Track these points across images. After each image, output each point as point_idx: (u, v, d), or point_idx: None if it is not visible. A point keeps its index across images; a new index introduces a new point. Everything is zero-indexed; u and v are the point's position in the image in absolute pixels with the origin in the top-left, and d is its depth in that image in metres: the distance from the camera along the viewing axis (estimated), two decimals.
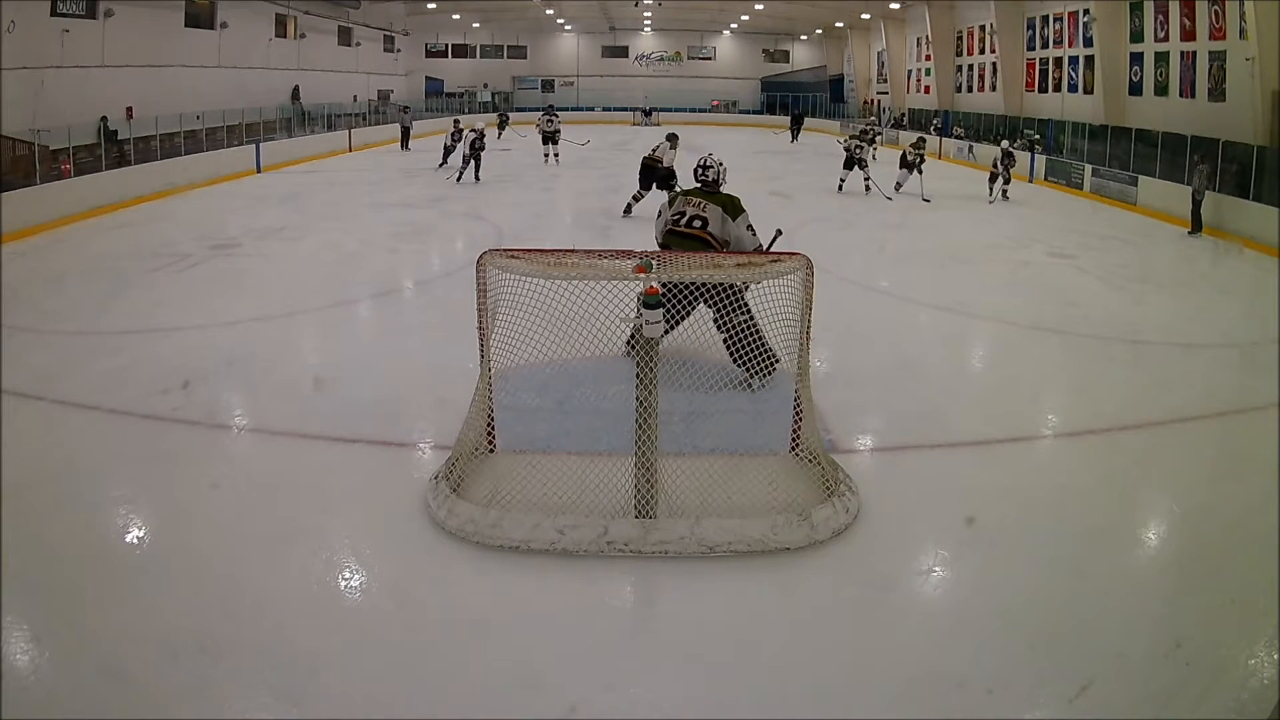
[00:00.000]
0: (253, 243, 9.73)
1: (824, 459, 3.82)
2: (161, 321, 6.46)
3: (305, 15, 25.65)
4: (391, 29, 32.95)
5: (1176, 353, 6.24)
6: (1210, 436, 4.79)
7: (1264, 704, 2.61)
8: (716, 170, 5.35)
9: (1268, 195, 11.12)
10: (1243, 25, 13.53)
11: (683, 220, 5.07)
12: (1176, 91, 15.88)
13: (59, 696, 2.58)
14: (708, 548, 3.32)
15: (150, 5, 18.32)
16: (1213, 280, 8.93)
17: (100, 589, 3.11)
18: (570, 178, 16.22)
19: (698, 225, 5.03)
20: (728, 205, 5.07)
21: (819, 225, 11.42)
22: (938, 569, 3.39)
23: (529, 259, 3.60)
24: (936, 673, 2.75)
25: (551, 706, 2.59)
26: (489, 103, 36.18)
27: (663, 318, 4.24)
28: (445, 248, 10.10)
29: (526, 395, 4.49)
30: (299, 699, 2.59)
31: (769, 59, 38.75)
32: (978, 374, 6.03)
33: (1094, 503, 3.89)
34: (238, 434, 4.57)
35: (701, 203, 5.10)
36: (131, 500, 3.83)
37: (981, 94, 24.41)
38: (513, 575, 3.22)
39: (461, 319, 4.23)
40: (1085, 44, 18.95)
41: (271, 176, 16.26)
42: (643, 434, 3.40)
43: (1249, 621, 3.04)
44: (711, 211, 5.03)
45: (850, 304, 5.13)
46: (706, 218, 5.01)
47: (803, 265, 3.87)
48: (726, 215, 5.01)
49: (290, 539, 3.45)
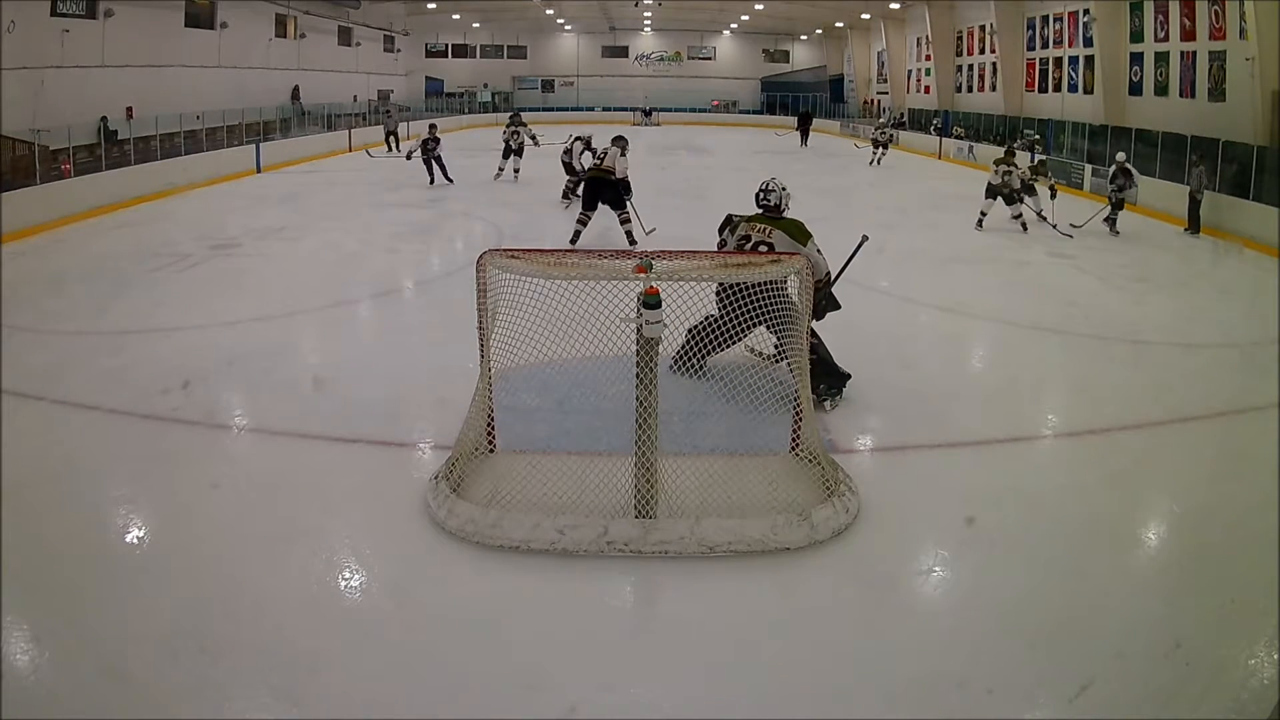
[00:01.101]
0: (253, 243, 9.73)
1: (824, 459, 3.82)
2: (161, 321, 6.46)
3: (305, 15, 25.66)
4: (391, 29, 32.97)
5: (1176, 353, 6.24)
6: (1210, 436, 4.79)
7: (1264, 704, 2.61)
8: (779, 194, 4.97)
9: (1267, 195, 11.11)
10: (1243, 25, 13.53)
11: (748, 247, 4.82)
12: (1176, 91, 15.88)
13: (59, 696, 2.58)
14: (708, 548, 3.32)
15: (150, 5, 18.33)
16: (1213, 280, 8.93)
17: (100, 589, 3.11)
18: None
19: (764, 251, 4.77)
20: (794, 230, 4.81)
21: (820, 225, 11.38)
22: (938, 569, 3.39)
23: (529, 259, 3.60)
24: (936, 673, 2.75)
25: (551, 706, 2.59)
26: (489, 102, 36.21)
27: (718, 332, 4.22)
28: (445, 248, 10.11)
29: (526, 395, 4.49)
30: (299, 699, 2.59)
31: (769, 59, 38.77)
32: (978, 374, 6.03)
33: (1094, 503, 3.89)
34: (238, 434, 4.57)
35: (766, 228, 4.84)
36: (131, 500, 3.83)
37: (981, 94, 24.41)
38: (513, 575, 3.22)
39: (461, 319, 4.23)
40: (1085, 44, 18.96)
41: (271, 176, 16.26)
42: (643, 434, 3.40)
43: (1249, 621, 3.04)
44: (778, 237, 4.77)
45: (850, 304, 5.12)
46: (772, 243, 4.76)
47: (802, 266, 3.88)
48: (794, 240, 4.75)
49: (290, 539, 3.45)
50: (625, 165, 9.17)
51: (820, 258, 4.75)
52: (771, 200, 4.97)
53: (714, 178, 16.95)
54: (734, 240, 4.96)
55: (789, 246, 4.70)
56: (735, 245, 4.91)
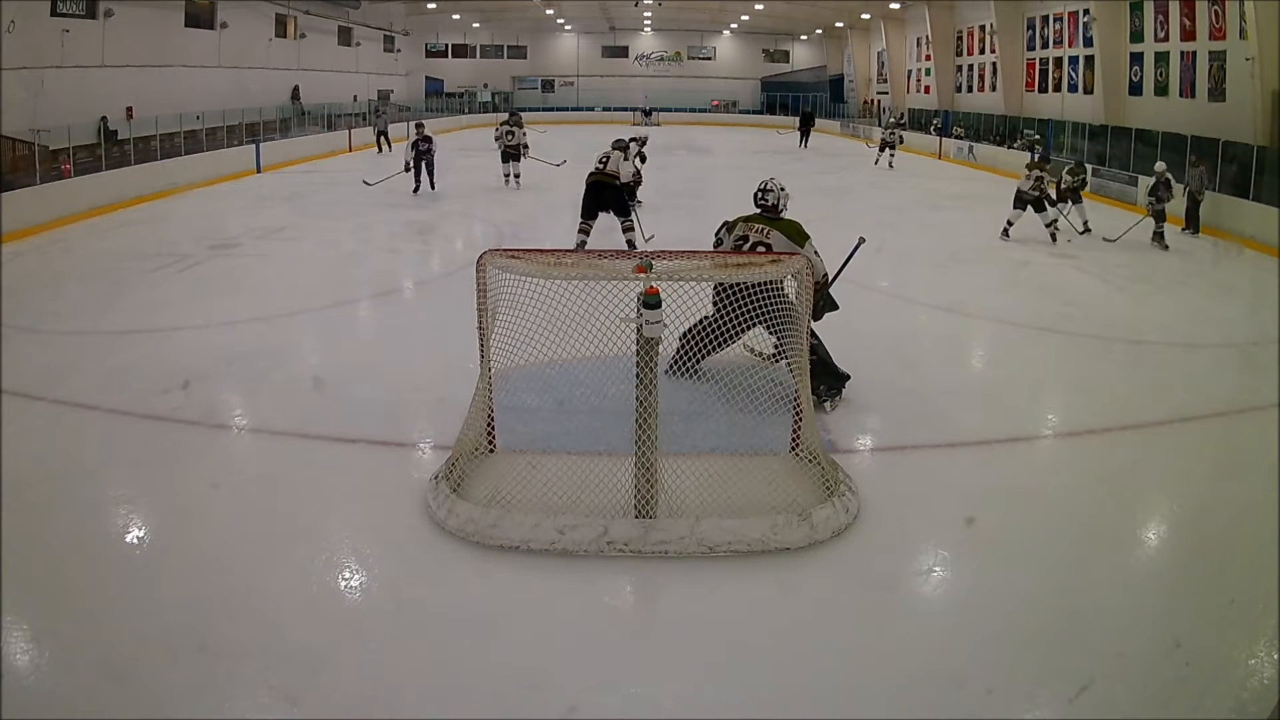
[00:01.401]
0: (253, 243, 9.73)
1: (824, 459, 3.82)
2: (161, 321, 6.46)
3: (305, 15, 25.66)
4: (391, 29, 32.97)
5: (1176, 353, 6.24)
6: (1210, 436, 4.79)
7: (1264, 704, 2.61)
8: (777, 195, 4.96)
9: (1267, 195, 11.12)
10: (1243, 25, 13.53)
11: (745, 248, 4.82)
12: (1176, 91, 15.88)
13: (59, 696, 2.58)
14: (708, 548, 3.32)
15: (150, 5, 18.33)
16: (1213, 280, 8.92)
17: (100, 589, 3.11)
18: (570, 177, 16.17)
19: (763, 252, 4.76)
20: (791, 231, 4.81)
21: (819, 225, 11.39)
22: (938, 569, 3.39)
23: (529, 259, 3.60)
24: (936, 673, 2.75)
25: (551, 706, 2.59)
26: (489, 102, 36.20)
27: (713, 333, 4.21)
28: (445, 248, 10.11)
29: (526, 395, 4.49)
30: (299, 699, 2.59)
31: (769, 59, 38.77)
32: (978, 374, 6.03)
33: (1094, 503, 3.89)
34: (238, 434, 4.57)
35: (764, 229, 4.84)
36: (131, 500, 3.83)
37: (981, 94, 24.41)
38: (513, 575, 3.22)
39: (461, 319, 4.23)
40: (1085, 44, 18.96)
41: (271, 176, 16.26)
42: (643, 434, 3.40)
43: (1249, 621, 3.04)
44: (775, 238, 4.77)
45: (850, 304, 5.12)
46: (770, 244, 4.77)
47: (801, 266, 3.88)
48: (792, 241, 4.75)
49: (290, 539, 3.45)
50: (630, 170, 8.97)
51: (818, 260, 4.73)
52: (769, 200, 4.94)
53: (713, 178, 16.94)
54: (731, 240, 4.94)
55: (787, 247, 4.68)
56: (733, 246, 4.89)
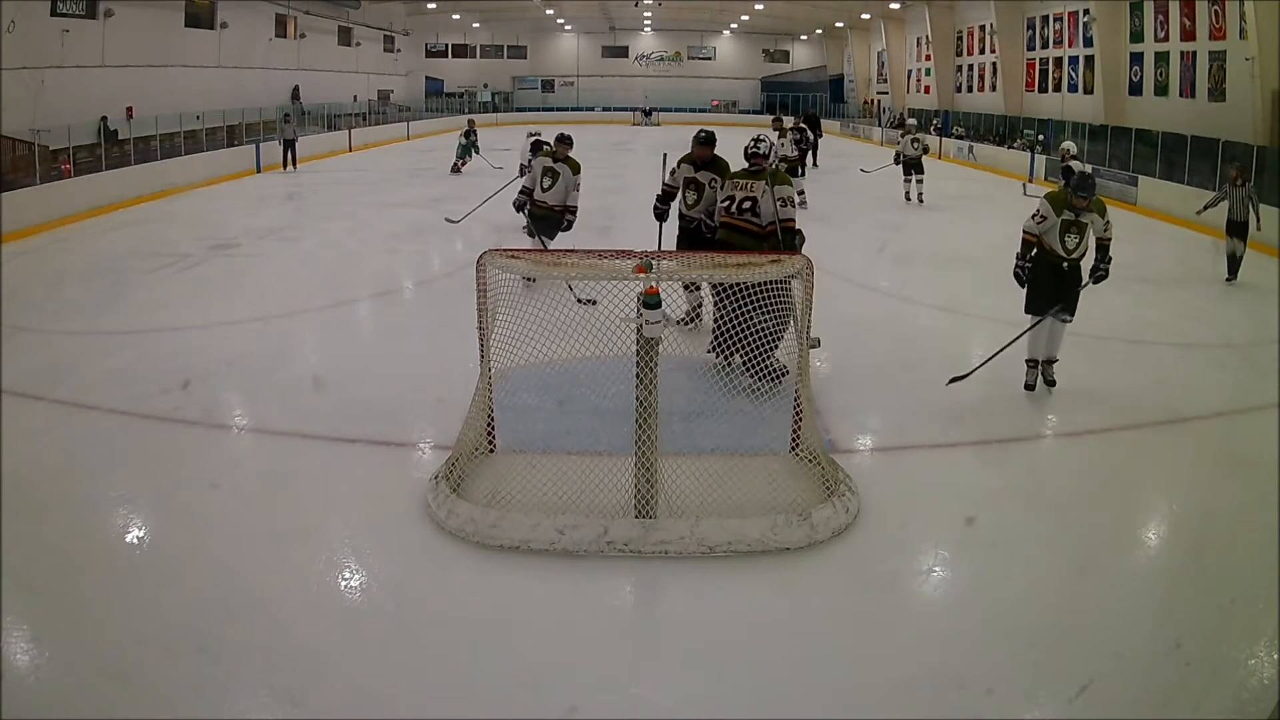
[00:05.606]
0: (253, 243, 9.73)
1: (824, 459, 3.82)
2: (161, 321, 6.46)
3: (305, 15, 25.64)
4: (391, 29, 32.95)
5: (1176, 353, 6.24)
6: (1210, 436, 4.79)
7: (1264, 704, 2.61)
8: (769, 144, 5.28)
9: (1267, 195, 11.10)
10: (1243, 25, 13.54)
11: (733, 207, 5.11)
12: (1176, 91, 15.89)
13: (59, 696, 2.58)
14: (708, 548, 3.32)
15: (150, 5, 18.31)
16: (1213, 280, 8.91)
17: (100, 589, 3.11)
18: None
19: (748, 207, 5.06)
20: (770, 178, 5.09)
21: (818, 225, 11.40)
22: (938, 569, 3.39)
23: (529, 259, 3.61)
24: (936, 673, 2.75)
25: (551, 706, 2.59)
26: (489, 102, 36.19)
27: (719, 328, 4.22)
28: (445, 248, 10.10)
29: (526, 395, 4.49)
30: (299, 699, 2.59)
31: (769, 59, 38.74)
32: (978, 374, 6.03)
33: (1094, 503, 3.89)
34: (238, 434, 4.57)
35: (748, 183, 5.14)
36: (131, 500, 3.83)
37: (981, 94, 24.40)
38: (513, 575, 3.22)
39: (461, 319, 4.23)
40: (1085, 44, 18.96)
41: (271, 176, 16.25)
42: (643, 434, 3.40)
43: (1249, 621, 3.04)
44: (757, 188, 5.08)
45: (850, 304, 5.12)
46: (755, 197, 5.07)
47: (803, 265, 3.88)
48: (768, 187, 5.04)
49: (290, 539, 3.45)
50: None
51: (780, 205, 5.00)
52: (762, 149, 5.19)
53: None
54: (721, 198, 5.23)
55: (766, 195, 4.97)
56: (721, 206, 5.17)
